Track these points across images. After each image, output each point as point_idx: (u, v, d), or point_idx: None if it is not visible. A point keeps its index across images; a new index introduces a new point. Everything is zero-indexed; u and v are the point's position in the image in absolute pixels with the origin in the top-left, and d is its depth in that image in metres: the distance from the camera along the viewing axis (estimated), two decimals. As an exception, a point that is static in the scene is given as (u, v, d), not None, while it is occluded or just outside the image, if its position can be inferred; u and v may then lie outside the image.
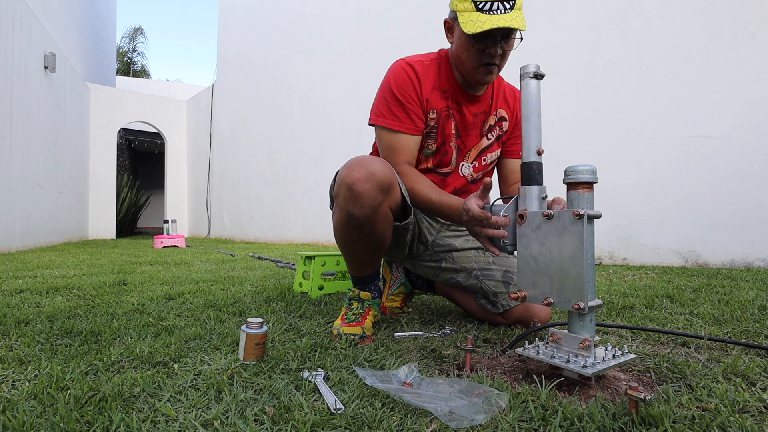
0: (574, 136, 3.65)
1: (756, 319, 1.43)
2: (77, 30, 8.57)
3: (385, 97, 1.37)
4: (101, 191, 8.93)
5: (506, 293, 1.39)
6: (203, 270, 3.04)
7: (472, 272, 1.44)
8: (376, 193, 1.18)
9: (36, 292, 2.03)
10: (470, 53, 1.29)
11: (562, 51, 3.75)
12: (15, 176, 4.95)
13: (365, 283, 1.39)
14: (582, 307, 0.86)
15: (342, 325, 1.28)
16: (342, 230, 1.28)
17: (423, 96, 1.36)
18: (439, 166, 1.43)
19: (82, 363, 1.02)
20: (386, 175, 1.19)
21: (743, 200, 2.90)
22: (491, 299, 1.40)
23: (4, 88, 4.70)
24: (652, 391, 0.87)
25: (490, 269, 1.43)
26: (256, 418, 0.76)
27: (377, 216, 1.21)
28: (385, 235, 1.28)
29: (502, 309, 1.39)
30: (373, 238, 1.26)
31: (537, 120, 1.01)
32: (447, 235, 1.52)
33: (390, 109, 1.36)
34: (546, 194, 1.00)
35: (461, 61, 1.33)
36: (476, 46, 1.26)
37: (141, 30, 22.14)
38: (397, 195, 1.25)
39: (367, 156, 1.24)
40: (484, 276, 1.42)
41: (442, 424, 0.73)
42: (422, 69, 1.37)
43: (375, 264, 1.37)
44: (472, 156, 1.45)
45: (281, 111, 7.15)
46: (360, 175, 1.16)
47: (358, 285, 1.40)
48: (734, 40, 2.95)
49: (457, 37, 1.31)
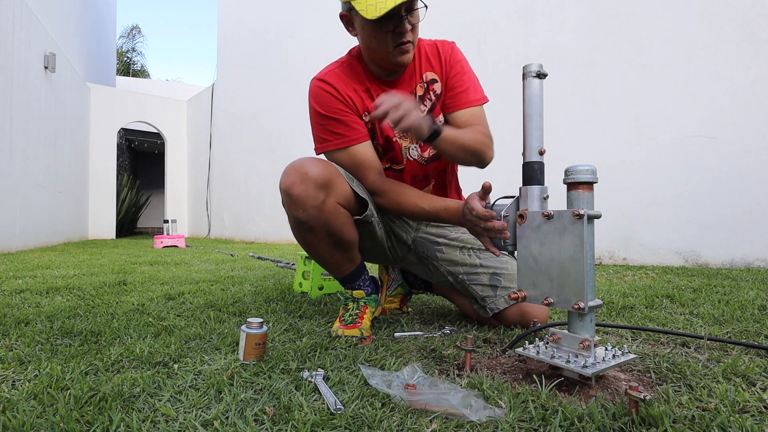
0: (574, 135, 3.65)
1: (756, 319, 1.43)
2: (77, 30, 8.57)
3: (318, 123, 1.33)
4: (101, 191, 8.93)
5: (494, 296, 1.36)
6: (203, 270, 3.04)
7: (458, 276, 1.41)
8: (315, 192, 1.17)
9: (36, 292, 2.03)
10: (379, 39, 1.22)
11: (563, 51, 3.75)
12: (15, 176, 4.95)
13: (351, 281, 1.37)
14: (582, 307, 0.86)
15: (340, 328, 1.28)
16: (297, 236, 1.28)
17: (349, 102, 1.31)
18: (394, 163, 1.41)
19: (82, 363, 1.02)
20: (320, 172, 1.18)
21: (743, 200, 2.90)
22: (480, 303, 1.38)
23: (4, 88, 4.70)
24: (652, 391, 0.87)
25: (477, 273, 1.39)
26: (256, 418, 0.76)
27: (325, 214, 1.20)
28: (343, 231, 1.25)
29: (491, 313, 1.36)
30: (332, 236, 1.25)
31: (539, 119, 1.01)
32: (429, 232, 1.47)
33: (328, 130, 1.31)
34: (547, 194, 1.00)
35: (373, 51, 1.27)
36: (383, 29, 1.20)
37: (138, 29, 22.16)
38: (344, 189, 1.23)
39: (302, 159, 1.21)
40: (470, 281, 1.39)
41: (442, 424, 0.73)
42: (335, 78, 1.32)
43: (351, 261, 1.34)
44: None
45: (281, 111, 7.14)
46: (294, 179, 1.17)
47: (346, 284, 1.38)
48: (734, 40, 2.95)
49: (360, 27, 1.24)
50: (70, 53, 7.61)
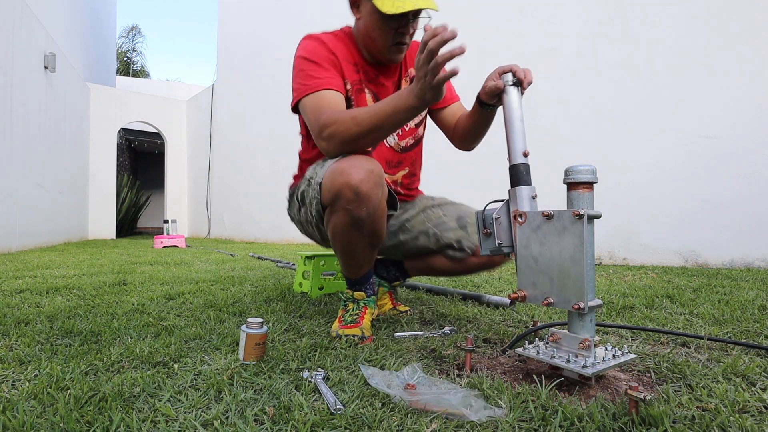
0: (574, 136, 3.65)
1: (756, 319, 1.43)
2: (77, 30, 8.58)
3: (301, 68, 1.27)
4: (101, 191, 8.93)
5: (467, 236, 1.42)
6: (203, 270, 3.04)
7: (429, 231, 1.47)
8: (377, 189, 1.14)
9: (36, 292, 2.03)
10: (382, 32, 1.25)
11: (563, 51, 3.75)
12: (15, 176, 4.95)
13: (362, 283, 1.36)
14: (582, 307, 0.86)
15: (340, 327, 1.28)
16: (345, 234, 1.21)
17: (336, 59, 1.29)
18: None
19: (82, 363, 1.02)
20: (381, 169, 1.16)
21: (743, 200, 2.90)
22: (456, 247, 1.43)
23: (4, 88, 4.70)
24: (652, 391, 0.87)
25: (444, 222, 1.47)
26: (256, 418, 0.76)
27: (379, 212, 1.18)
28: (383, 230, 1.26)
29: (470, 251, 1.42)
30: (374, 236, 1.24)
31: (521, 124, 1.06)
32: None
33: (308, 74, 1.25)
34: (536, 194, 1.02)
35: (371, 39, 1.29)
36: (389, 25, 1.23)
37: (138, 29, 22.17)
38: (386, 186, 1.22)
39: (353, 156, 1.16)
40: (441, 230, 1.45)
41: (442, 424, 0.73)
42: (330, 41, 1.32)
43: (371, 261, 1.35)
44: None
45: (281, 111, 7.14)
46: (362, 176, 1.10)
47: (355, 286, 1.36)
48: (735, 40, 2.95)
49: (368, 14, 1.25)
50: (70, 53, 7.61)
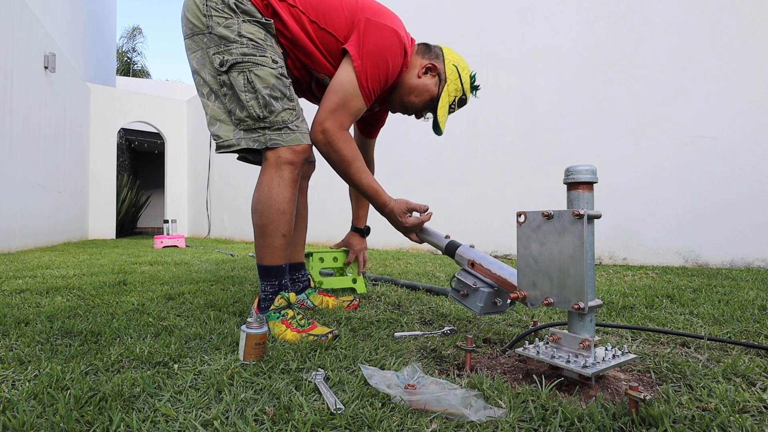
0: (574, 135, 3.65)
1: (756, 319, 1.43)
2: (77, 30, 8.57)
3: (377, 65, 1.37)
4: (101, 191, 8.93)
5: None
6: (203, 270, 3.04)
7: None
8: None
9: (36, 292, 2.03)
10: (420, 107, 1.54)
11: (563, 51, 3.75)
12: (15, 176, 4.95)
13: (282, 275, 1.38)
14: (582, 307, 0.86)
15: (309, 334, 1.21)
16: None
17: (394, 74, 1.44)
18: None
19: (82, 363, 1.02)
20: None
21: (743, 200, 2.90)
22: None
23: (4, 88, 4.70)
24: (652, 391, 0.87)
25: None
26: (256, 418, 0.76)
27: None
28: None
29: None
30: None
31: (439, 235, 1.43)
32: None
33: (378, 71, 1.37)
34: (472, 244, 1.32)
35: (410, 101, 1.52)
36: (424, 113, 1.57)
37: (139, 30, 22.14)
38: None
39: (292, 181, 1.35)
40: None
41: (442, 424, 0.73)
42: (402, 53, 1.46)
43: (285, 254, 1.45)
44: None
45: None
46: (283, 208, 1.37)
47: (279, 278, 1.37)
48: (735, 39, 2.95)
49: (423, 91, 1.50)
50: (70, 53, 7.61)
